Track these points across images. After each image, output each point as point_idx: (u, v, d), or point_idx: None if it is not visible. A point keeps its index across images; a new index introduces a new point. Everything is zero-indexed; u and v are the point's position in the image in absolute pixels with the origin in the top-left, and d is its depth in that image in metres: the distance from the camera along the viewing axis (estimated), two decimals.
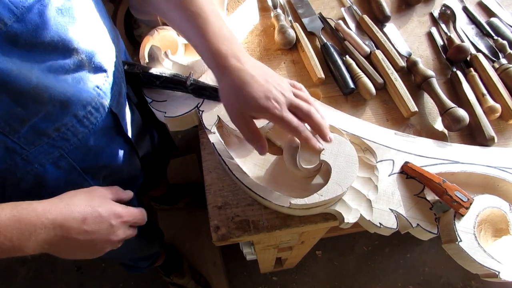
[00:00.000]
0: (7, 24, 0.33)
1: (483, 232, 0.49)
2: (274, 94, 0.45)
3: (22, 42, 0.36)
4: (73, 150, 0.48)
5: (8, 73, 0.35)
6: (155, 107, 0.59)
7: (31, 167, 0.45)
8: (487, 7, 0.77)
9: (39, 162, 0.45)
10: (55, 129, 0.44)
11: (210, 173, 0.57)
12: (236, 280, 1.38)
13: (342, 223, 0.50)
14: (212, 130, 0.56)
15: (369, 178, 0.53)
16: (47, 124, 0.43)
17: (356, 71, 0.64)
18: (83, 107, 0.46)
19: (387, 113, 0.63)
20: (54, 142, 0.45)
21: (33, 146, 0.43)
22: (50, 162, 0.47)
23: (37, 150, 0.44)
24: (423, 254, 1.42)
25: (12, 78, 0.35)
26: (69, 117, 0.45)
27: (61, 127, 0.44)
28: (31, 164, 0.45)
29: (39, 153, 0.44)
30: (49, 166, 0.47)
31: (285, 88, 0.47)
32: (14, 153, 0.42)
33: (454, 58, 0.67)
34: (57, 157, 0.47)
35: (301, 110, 0.47)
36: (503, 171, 0.53)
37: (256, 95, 0.44)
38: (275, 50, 0.69)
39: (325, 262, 1.42)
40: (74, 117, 0.45)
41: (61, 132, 0.45)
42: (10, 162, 0.42)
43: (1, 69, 0.34)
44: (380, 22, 0.73)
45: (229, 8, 0.75)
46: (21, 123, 0.40)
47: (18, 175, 0.44)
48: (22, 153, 0.42)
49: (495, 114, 0.60)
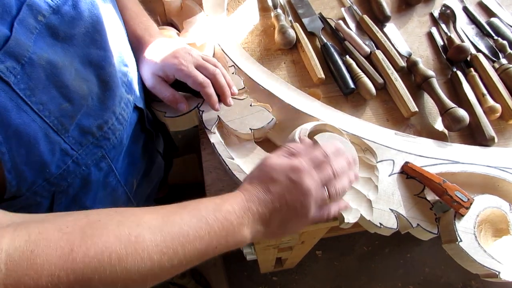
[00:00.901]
0: (45, 15, 0.35)
1: (483, 232, 0.49)
2: (181, 54, 0.52)
3: (62, 34, 0.37)
4: (111, 150, 0.49)
5: (55, 65, 0.36)
6: (155, 107, 0.59)
7: (80, 169, 0.44)
8: (487, 7, 0.77)
9: (86, 163, 0.45)
10: (98, 127, 0.44)
11: (210, 173, 0.57)
12: (236, 280, 1.38)
13: (342, 223, 0.50)
14: (212, 130, 0.56)
15: (369, 178, 0.53)
16: (90, 121, 0.43)
17: (356, 71, 0.64)
18: (118, 103, 0.47)
19: (387, 113, 0.63)
20: (98, 142, 0.45)
21: (81, 147, 0.43)
22: (94, 164, 0.47)
23: (84, 151, 0.44)
24: (423, 254, 1.42)
25: (59, 70, 0.36)
26: (108, 113, 0.45)
27: (103, 124, 0.45)
28: (79, 167, 0.44)
29: (86, 154, 0.44)
30: (93, 168, 0.47)
31: (193, 52, 0.54)
32: (67, 155, 0.41)
33: (454, 58, 0.67)
34: (99, 158, 0.47)
35: (207, 70, 0.53)
36: (503, 171, 0.53)
37: (164, 55, 0.52)
38: (275, 50, 0.69)
39: (325, 262, 1.42)
40: (113, 114, 0.46)
41: (103, 131, 0.45)
42: (64, 167, 0.42)
43: (50, 60, 0.35)
44: (380, 22, 0.73)
45: (229, 8, 0.75)
46: (70, 120, 0.40)
47: (69, 180, 0.43)
48: (73, 155, 0.42)
49: (495, 114, 0.60)
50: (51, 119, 0.37)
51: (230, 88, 0.56)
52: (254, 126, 0.55)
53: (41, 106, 0.36)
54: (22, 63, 0.33)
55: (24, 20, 0.33)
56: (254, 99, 0.59)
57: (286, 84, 0.62)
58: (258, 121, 0.56)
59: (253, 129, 0.55)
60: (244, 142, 0.57)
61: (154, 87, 0.54)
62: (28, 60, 0.33)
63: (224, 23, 0.70)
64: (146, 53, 0.54)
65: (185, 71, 0.51)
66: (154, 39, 0.55)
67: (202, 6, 0.70)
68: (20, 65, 0.33)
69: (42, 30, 0.35)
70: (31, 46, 0.34)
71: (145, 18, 0.58)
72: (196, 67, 0.53)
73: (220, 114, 0.57)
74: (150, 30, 0.56)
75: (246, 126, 0.56)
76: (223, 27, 0.69)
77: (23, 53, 0.33)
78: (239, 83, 0.61)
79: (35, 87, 0.35)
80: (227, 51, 0.65)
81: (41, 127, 0.36)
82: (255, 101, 0.59)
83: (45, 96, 0.36)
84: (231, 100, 0.55)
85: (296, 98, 0.60)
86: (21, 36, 0.33)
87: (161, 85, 0.54)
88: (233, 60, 0.64)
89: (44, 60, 0.35)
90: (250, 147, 0.57)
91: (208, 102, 0.53)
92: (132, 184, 0.60)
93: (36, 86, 0.35)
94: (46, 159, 0.38)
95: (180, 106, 0.55)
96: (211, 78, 0.53)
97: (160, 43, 0.55)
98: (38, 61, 0.34)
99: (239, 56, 0.65)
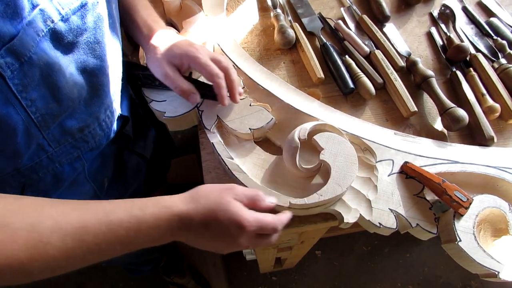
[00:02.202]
0: (54, 21, 0.36)
1: (483, 232, 0.49)
2: (197, 44, 0.53)
3: (65, 41, 0.38)
4: (88, 152, 0.50)
5: (52, 67, 0.37)
6: (154, 107, 0.59)
7: (53, 166, 0.46)
8: (486, 7, 0.77)
9: (60, 161, 0.47)
10: (79, 129, 0.46)
11: (210, 173, 0.57)
12: (235, 280, 1.38)
13: (342, 223, 0.50)
14: (212, 130, 0.56)
15: (368, 178, 0.53)
16: (72, 123, 0.44)
17: (356, 71, 0.64)
18: (104, 111, 0.48)
19: (387, 113, 0.63)
20: (76, 143, 0.47)
21: (58, 145, 0.44)
22: (68, 162, 0.48)
23: (61, 149, 0.45)
24: (423, 254, 1.42)
25: (54, 72, 0.38)
26: (92, 118, 0.47)
27: (84, 128, 0.46)
28: (53, 163, 0.46)
29: (62, 153, 0.46)
30: (66, 166, 0.49)
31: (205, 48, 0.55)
32: (42, 150, 0.43)
33: (454, 58, 0.67)
34: (74, 158, 0.49)
35: (221, 64, 0.53)
36: (502, 171, 0.53)
37: (180, 43, 0.52)
38: (275, 50, 0.69)
39: (324, 262, 1.42)
40: (96, 119, 0.48)
41: (83, 134, 0.47)
42: (37, 160, 0.43)
43: (48, 62, 0.37)
44: (380, 22, 0.73)
45: (228, 8, 0.75)
46: (54, 119, 0.41)
47: (40, 174, 0.45)
48: (48, 151, 0.44)
49: (494, 114, 0.60)
50: (36, 115, 0.39)
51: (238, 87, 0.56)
52: (253, 126, 0.55)
53: (30, 102, 0.37)
54: (22, 61, 0.34)
55: (33, 23, 0.34)
56: (253, 99, 0.59)
57: (286, 84, 0.62)
58: (258, 121, 0.56)
59: (253, 129, 0.55)
60: (243, 142, 0.57)
61: (167, 75, 0.52)
62: (28, 59, 0.34)
63: (224, 23, 0.70)
64: (157, 42, 0.53)
65: (202, 59, 0.50)
66: (166, 30, 0.56)
67: (201, 6, 0.70)
68: (20, 62, 0.34)
69: (48, 34, 0.36)
70: (34, 47, 0.35)
71: (155, 14, 0.59)
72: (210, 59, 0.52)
73: (220, 114, 0.57)
74: (160, 23, 0.57)
75: (246, 126, 0.56)
76: (222, 27, 0.69)
77: (25, 53, 0.34)
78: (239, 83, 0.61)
79: (28, 84, 0.36)
80: (227, 51, 0.65)
81: (24, 120, 0.38)
82: (254, 101, 0.59)
83: (35, 93, 0.37)
84: (239, 97, 0.55)
85: (296, 98, 0.60)
86: (27, 37, 0.34)
87: (176, 74, 0.52)
88: (232, 60, 0.64)
89: (43, 61, 0.36)
90: (249, 147, 0.57)
91: (219, 95, 0.52)
92: (102, 183, 0.60)
93: (29, 83, 0.36)
94: (20, 149, 0.40)
95: (192, 97, 0.53)
96: (224, 71, 0.52)
97: (171, 33, 0.55)
98: (37, 61, 0.35)
99: (239, 56, 0.65)
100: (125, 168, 0.66)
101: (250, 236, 0.41)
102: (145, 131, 0.72)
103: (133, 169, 0.69)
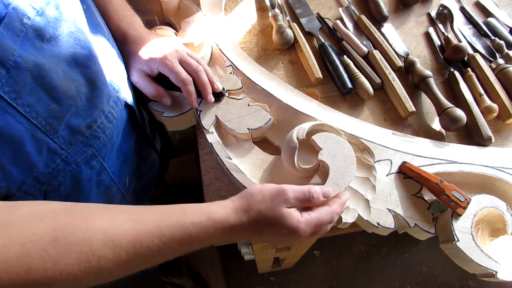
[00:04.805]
0: (31, 18, 0.35)
1: (481, 232, 0.49)
2: (167, 48, 0.53)
3: (47, 35, 0.37)
4: (102, 148, 0.50)
5: (42, 67, 0.36)
6: (153, 107, 0.59)
7: (70, 168, 0.45)
8: (484, 7, 0.77)
9: (76, 162, 0.46)
10: (87, 126, 0.45)
11: (208, 173, 0.56)
12: (234, 280, 1.38)
13: (340, 222, 0.50)
14: (210, 130, 0.56)
15: (367, 178, 0.53)
16: (79, 121, 0.43)
17: (354, 71, 0.64)
18: (107, 101, 0.48)
19: (385, 113, 0.63)
20: (88, 141, 0.46)
21: (70, 146, 0.44)
22: (85, 162, 0.48)
23: (74, 150, 0.45)
24: (421, 253, 1.42)
25: (46, 72, 0.37)
26: (97, 112, 0.46)
27: (92, 123, 0.46)
28: (69, 165, 0.45)
29: (75, 153, 0.45)
30: (83, 166, 0.48)
31: (179, 47, 0.55)
32: (56, 154, 0.42)
33: (452, 58, 0.67)
34: (90, 156, 0.48)
35: (191, 66, 0.54)
36: (500, 171, 0.53)
37: (150, 49, 0.53)
38: (273, 50, 0.69)
39: (323, 262, 1.42)
40: (102, 112, 0.47)
41: (93, 130, 0.46)
42: (52, 165, 0.42)
43: (36, 63, 0.35)
44: (378, 22, 0.73)
45: (226, 8, 0.75)
46: (59, 121, 0.40)
47: (59, 178, 0.45)
48: (62, 154, 0.43)
49: (492, 114, 0.60)
50: (39, 120, 0.38)
51: (213, 85, 0.56)
52: (252, 126, 0.55)
53: (28, 108, 0.36)
54: (7, 67, 0.33)
55: (9, 24, 0.33)
56: (252, 99, 0.59)
57: (284, 84, 0.62)
58: (256, 121, 0.56)
59: (251, 129, 0.55)
60: (242, 142, 0.57)
61: (137, 82, 0.55)
62: (13, 63, 0.33)
63: (222, 23, 0.70)
64: (131, 48, 0.54)
65: (169, 65, 0.52)
66: (139, 33, 0.55)
67: (199, 6, 0.70)
68: (6, 69, 0.33)
69: (28, 33, 0.35)
70: (16, 49, 0.33)
71: (129, 13, 0.58)
72: (180, 62, 0.54)
73: (218, 114, 0.57)
74: (134, 25, 0.56)
75: (244, 126, 0.55)
76: (220, 27, 0.69)
77: (8, 57, 0.33)
78: (237, 83, 0.61)
79: (21, 89, 0.35)
80: (225, 51, 0.65)
81: (28, 128, 0.37)
82: (253, 101, 0.59)
83: (32, 98, 0.36)
84: (211, 96, 0.56)
85: (294, 98, 0.60)
86: (6, 40, 0.32)
87: (145, 80, 0.54)
88: (230, 60, 0.63)
89: (30, 63, 0.35)
90: (248, 147, 0.57)
91: (188, 99, 0.55)
92: (125, 182, 0.61)
93: (22, 88, 0.35)
94: (33, 158, 0.39)
95: (165, 100, 0.56)
96: (193, 75, 0.54)
97: (145, 38, 0.55)
98: (24, 64, 0.34)
99: (237, 56, 0.65)
100: (142, 162, 0.67)
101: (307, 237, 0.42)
102: None
103: (150, 162, 0.70)
